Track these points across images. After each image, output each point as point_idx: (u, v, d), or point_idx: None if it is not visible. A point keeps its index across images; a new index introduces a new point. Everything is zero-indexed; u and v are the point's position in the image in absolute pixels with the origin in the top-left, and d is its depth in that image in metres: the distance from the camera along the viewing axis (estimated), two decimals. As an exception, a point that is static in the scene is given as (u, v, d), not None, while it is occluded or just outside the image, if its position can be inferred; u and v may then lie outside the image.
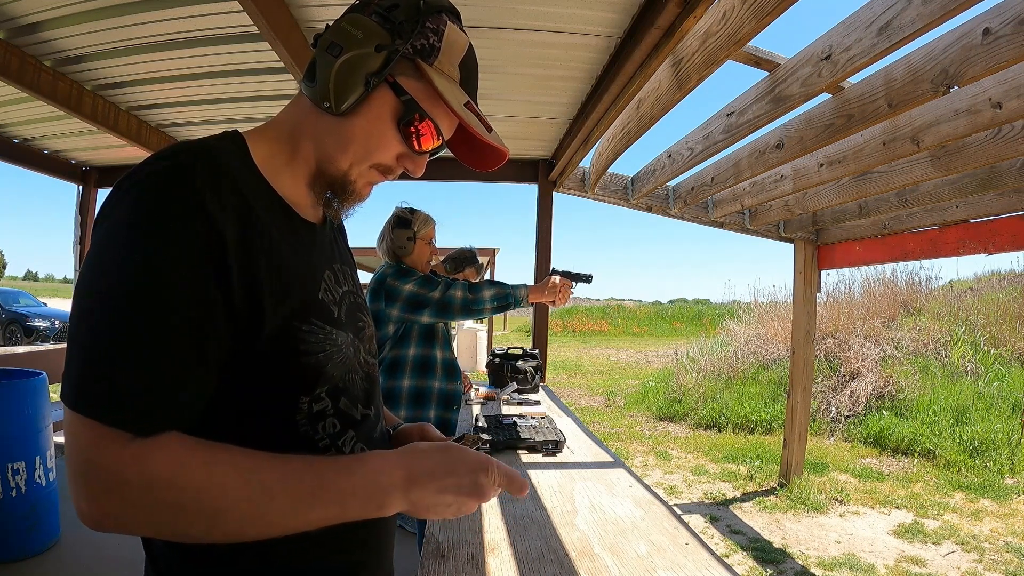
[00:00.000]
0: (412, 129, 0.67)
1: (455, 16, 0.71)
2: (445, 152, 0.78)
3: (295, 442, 0.63)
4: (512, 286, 2.05)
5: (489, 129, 0.70)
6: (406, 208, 2.21)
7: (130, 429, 0.51)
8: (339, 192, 0.69)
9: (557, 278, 2.10)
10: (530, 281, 3.30)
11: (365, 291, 2.13)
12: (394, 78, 0.65)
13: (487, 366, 3.08)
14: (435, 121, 0.68)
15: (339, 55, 0.63)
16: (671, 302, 38.16)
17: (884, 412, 6.02)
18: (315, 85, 0.65)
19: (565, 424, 2.19)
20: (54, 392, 3.04)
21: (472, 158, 0.77)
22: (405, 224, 2.15)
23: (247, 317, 0.58)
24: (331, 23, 0.66)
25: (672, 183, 3.74)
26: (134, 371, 0.51)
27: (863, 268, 8.18)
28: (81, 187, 4.12)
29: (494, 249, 11.93)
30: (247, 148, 0.65)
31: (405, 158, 0.70)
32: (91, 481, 0.50)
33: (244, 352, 0.59)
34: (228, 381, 0.58)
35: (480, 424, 1.93)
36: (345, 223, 0.83)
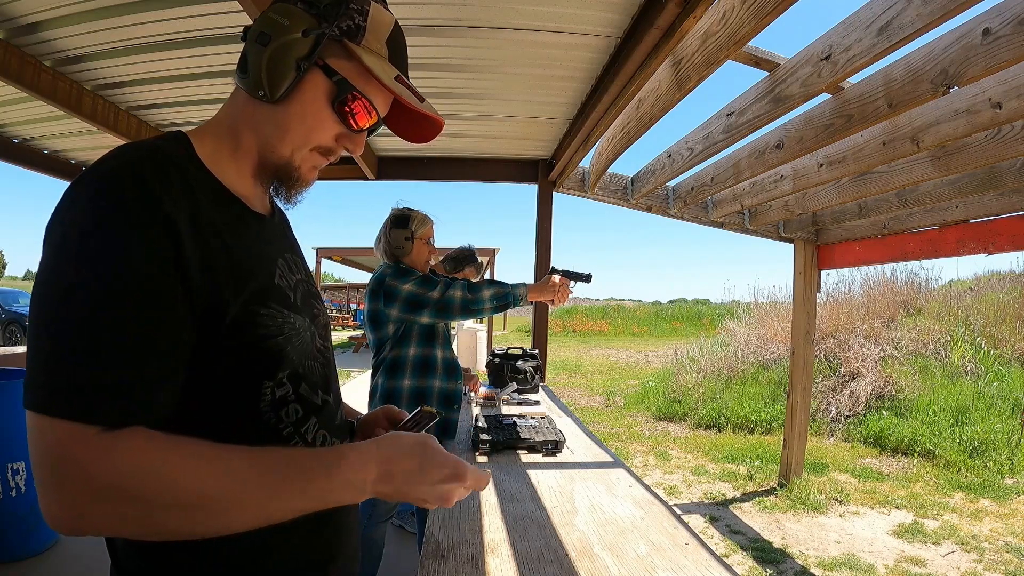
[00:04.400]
0: (347, 108, 0.69)
1: None
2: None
3: (259, 431, 0.64)
4: (511, 285, 2.05)
5: (421, 99, 0.72)
6: (403, 208, 2.21)
7: (97, 421, 0.51)
8: (284, 179, 0.71)
9: (557, 277, 2.10)
10: (530, 281, 3.30)
11: (364, 291, 2.12)
12: (324, 60, 0.67)
13: (487, 366, 3.07)
14: (368, 98, 0.70)
15: (268, 44, 0.65)
16: (671, 302, 38.18)
17: (884, 412, 6.02)
18: (248, 76, 0.66)
19: (565, 424, 2.19)
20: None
21: (410, 131, 0.80)
22: (402, 224, 2.15)
23: (208, 307, 0.59)
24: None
25: (672, 183, 3.74)
26: (99, 367, 0.51)
27: (863, 268, 8.19)
28: (81, 187, 4.12)
29: (494, 249, 11.92)
30: (191, 146, 0.67)
31: (344, 138, 0.72)
32: (60, 480, 0.50)
33: (207, 343, 0.60)
34: (193, 374, 0.59)
35: (480, 424, 1.93)
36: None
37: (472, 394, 2.68)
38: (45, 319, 0.52)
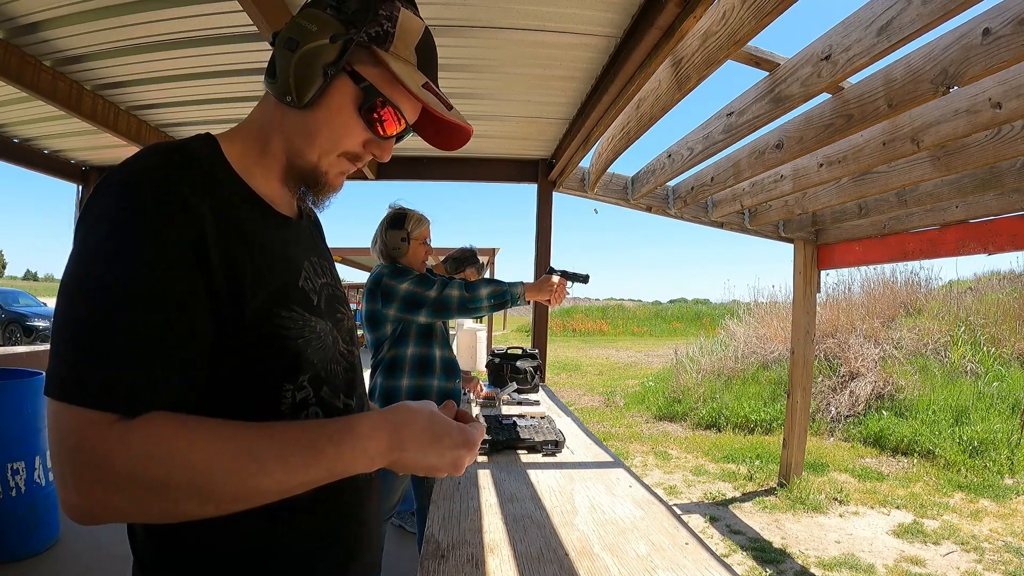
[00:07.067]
0: (374, 115, 0.69)
1: (408, 1, 0.72)
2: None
3: None
4: (509, 284, 2.05)
5: (449, 107, 0.71)
6: (399, 208, 2.21)
7: (115, 409, 0.51)
8: (312, 185, 0.71)
9: (555, 277, 2.10)
10: (529, 280, 3.30)
11: (361, 291, 2.12)
12: (351, 66, 0.67)
13: (487, 366, 3.08)
14: (396, 105, 0.69)
15: (296, 49, 0.65)
16: (671, 302, 38.21)
17: (884, 412, 6.02)
18: (276, 81, 0.67)
19: (565, 424, 2.19)
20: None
21: (439, 139, 0.79)
22: (398, 225, 2.15)
23: (228, 303, 0.59)
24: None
25: (672, 183, 3.74)
26: (118, 356, 0.52)
27: (863, 268, 8.19)
28: (81, 187, 4.12)
29: (494, 249, 11.93)
30: (219, 147, 0.67)
31: (371, 144, 0.71)
32: (78, 467, 0.50)
33: (227, 340, 0.60)
34: (212, 373, 0.59)
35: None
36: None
37: (471, 395, 2.68)
38: (68, 312, 0.54)
